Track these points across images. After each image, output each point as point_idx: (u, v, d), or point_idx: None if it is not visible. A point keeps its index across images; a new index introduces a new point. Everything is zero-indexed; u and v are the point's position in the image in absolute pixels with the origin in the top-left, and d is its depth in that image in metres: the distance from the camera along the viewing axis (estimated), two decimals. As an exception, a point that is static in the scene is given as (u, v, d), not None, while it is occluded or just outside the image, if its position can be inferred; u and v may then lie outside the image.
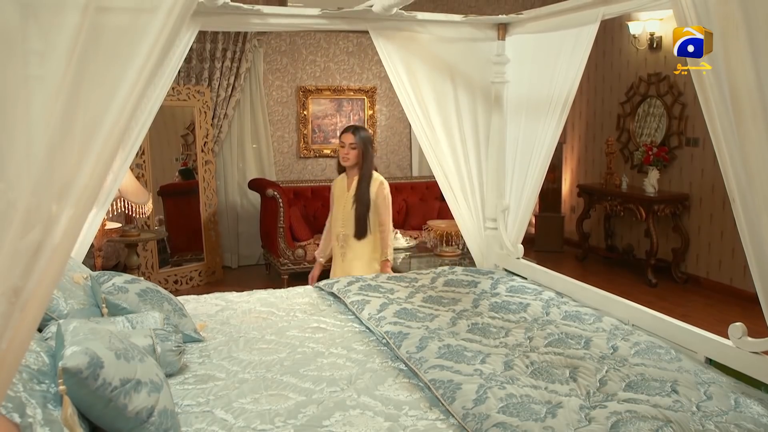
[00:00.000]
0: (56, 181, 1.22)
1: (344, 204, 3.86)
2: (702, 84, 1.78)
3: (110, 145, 1.25)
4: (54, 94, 1.21)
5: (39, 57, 1.30)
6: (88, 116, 1.25)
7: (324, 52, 7.21)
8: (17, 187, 1.19)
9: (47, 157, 1.21)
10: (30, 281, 1.20)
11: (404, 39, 3.59)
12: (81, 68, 1.20)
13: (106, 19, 1.22)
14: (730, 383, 2.24)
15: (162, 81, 3.17)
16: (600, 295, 3.08)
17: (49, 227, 1.22)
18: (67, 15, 1.22)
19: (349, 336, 2.83)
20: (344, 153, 3.81)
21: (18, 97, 1.27)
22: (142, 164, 5.73)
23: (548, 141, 3.49)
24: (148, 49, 1.24)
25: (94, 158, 1.24)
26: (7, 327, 1.18)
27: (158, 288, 2.81)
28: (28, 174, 1.20)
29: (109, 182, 3.18)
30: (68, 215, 1.23)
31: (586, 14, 3.09)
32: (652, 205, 6.32)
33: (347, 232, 3.85)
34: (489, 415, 1.96)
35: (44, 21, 1.32)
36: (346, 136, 3.81)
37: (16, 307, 1.19)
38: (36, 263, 1.20)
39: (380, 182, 3.85)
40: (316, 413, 2.08)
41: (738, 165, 1.77)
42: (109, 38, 1.25)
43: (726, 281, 6.06)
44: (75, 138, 1.24)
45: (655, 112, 6.76)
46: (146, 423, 1.81)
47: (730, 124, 1.75)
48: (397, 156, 7.66)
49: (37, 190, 1.20)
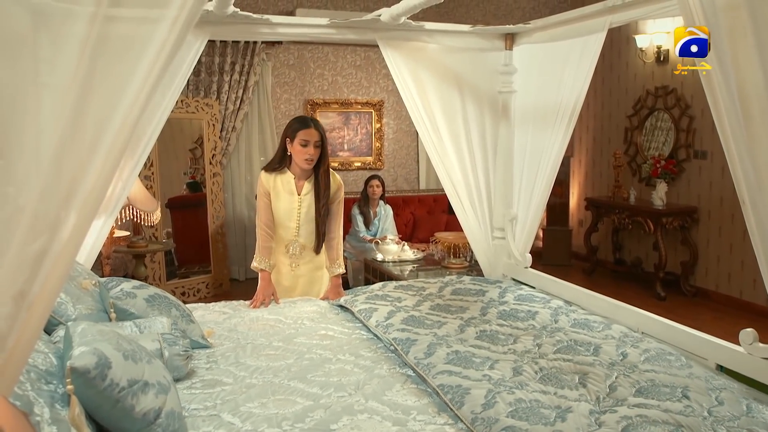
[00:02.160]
0: (63, 186, 1.23)
1: (295, 209, 3.45)
2: (710, 85, 1.78)
3: (115, 151, 1.27)
4: (62, 101, 1.23)
5: (49, 65, 1.32)
6: (94, 123, 1.26)
7: (332, 65, 7.25)
8: (26, 192, 1.21)
9: (54, 163, 1.22)
10: (35, 285, 1.21)
11: (412, 49, 3.60)
12: (88, 76, 1.23)
13: (112, 29, 1.24)
14: (741, 389, 2.22)
15: (171, 90, 3.18)
16: (609, 303, 3.07)
17: (54, 232, 1.23)
18: (75, 24, 1.24)
19: (357, 343, 2.82)
20: (310, 154, 3.32)
21: (28, 103, 1.29)
22: (150, 176, 5.76)
23: (556, 150, 3.48)
24: (153, 58, 1.26)
25: (99, 164, 1.26)
26: (13, 327, 1.19)
27: (166, 294, 2.81)
28: (37, 179, 1.21)
29: (118, 190, 3.19)
30: (73, 220, 1.24)
31: (593, 23, 3.10)
32: (661, 218, 6.29)
33: (304, 242, 3.51)
34: (498, 419, 1.95)
35: (54, 30, 1.34)
36: (310, 133, 3.30)
37: (22, 307, 1.20)
38: (41, 267, 1.21)
39: (339, 183, 3.53)
40: (324, 417, 2.07)
41: (748, 167, 1.77)
42: (115, 47, 1.27)
43: (736, 294, 6.02)
44: (81, 144, 1.25)
45: (662, 126, 6.76)
46: (153, 424, 1.81)
47: (739, 125, 1.74)
48: (404, 169, 7.67)
49: (44, 196, 1.21)
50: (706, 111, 6.14)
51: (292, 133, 3.36)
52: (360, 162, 7.45)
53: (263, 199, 3.46)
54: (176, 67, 3.15)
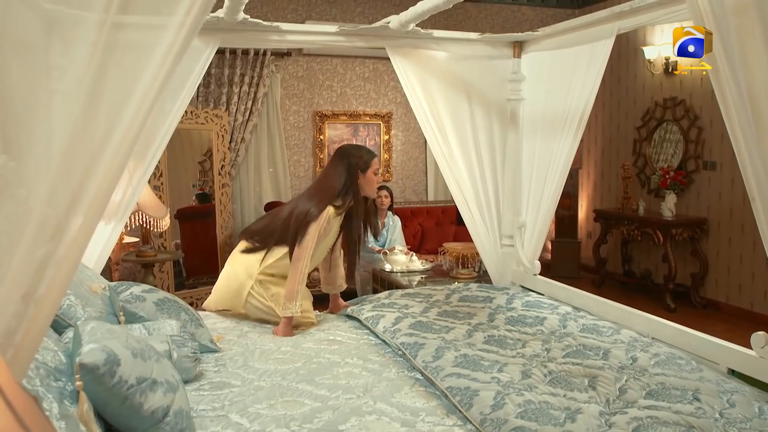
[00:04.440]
0: (71, 188, 1.25)
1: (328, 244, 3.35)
2: (718, 80, 1.78)
3: (121, 154, 1.29)
4: (72, 105, 1.26)
5: (60, 70, 1.35)
6: (102, 127, 1.29)
7: (340, 77, 7.29)
8: (35, 194, 1.23)
9: (63, 165, 1.24)
10: (42, 285, 1.22)
11: (421, 57, 3.62)
12: (96, 81, 1.25)
13: (120, 35, 1.27)
14: (753, 392, 2.20)
15: (181, 97, 3.20)
16: (619, 309, 3.05)
17: (61, 233, 1.24)
18: (85, 30, 1.27)
19: (365, 348, 2.81)
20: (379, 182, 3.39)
21: (39, 107, 1.32)
22: (160, 186, 5.79)
23: (564, 157, 3.48)
24: (159, 63, 1.29)
25: (106, 167, 1.28)
26: (20, 325, 1.20)
27: (176, 298, 2.82)
28: (46, 181, 1.23)
29: (128, 195, 3.21)
30: (80, 222, 1.26)
31: (601, 29, 3.11)
32: (670, 229, 6.26)
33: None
34: (507, 420, 1.93)
35: (65, 36, 1.37)
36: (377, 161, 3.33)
37: (30, 305, 1.21)
38: (48, 268, 1.22)
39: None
40: (332, 418, 2.06)
41: (757, 162, 1.76)
42: (122, 53, 1.30)
43: (746, 306, 5.97)
44: (89, 148, 1.27)
45: (671, 138, 6.74)
46: (161, 423, 1.81)
47: (748, 120, 1.74)
48: (412, 181, 7.68)
49: (53, 198, 1.23)
50: (715, 122, 6.13)
51: (364, 165, 3.21)
52: (368, 173, 7.45)
53: (316, 238, 3.15)
54: (186, 73, 3.18)
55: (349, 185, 3.19)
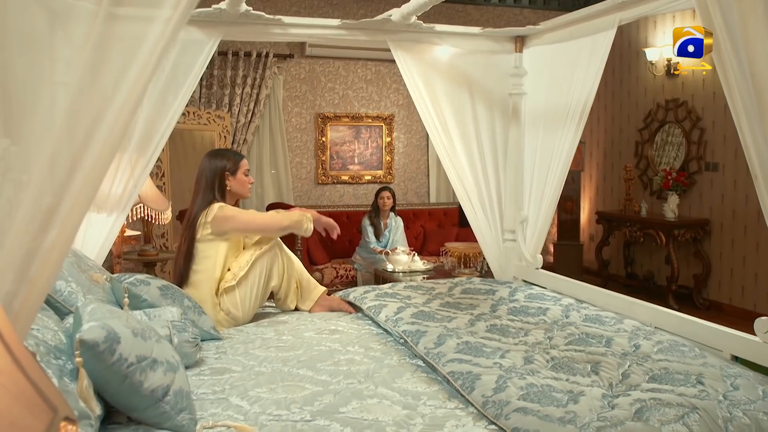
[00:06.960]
0: (59, 178, 1.27)
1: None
2: (720, 57, 1.78)
3: (108, 148, 1.31)
4: (67, 93, 1.29)
5: (62, 61, 1.38)
6: (88, 118, 1.31)
7: (343, 79, 7.30)
8: (35, 180, 1.24)
9: (55, 154, 1.26)
10: (31, 271, 1.22)
11: (423, 51, 3.63)
12: (88, 71, 1.28)
13: (113, 27, 1.29)
14: (757, 377, 2.18)
15: (183, 90, 3.21)
16: (622, 300, 3.04)
17: (53, 218, 1.25)
18: (82, 21, 1.31)
19: (367, 337, 2.80)
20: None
21: (43, 99, 1.34)
22: (162, 186, 5.79)
23: (566, 151, 3.48)
24: (147, 56, 1.31)
25: (91, 160, 1.29)
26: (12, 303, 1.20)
27: (178, 288, 2.82)
28: (43, 166, 1.25)
29: (129, 188, 3.21)
30: (68, 207, 1.27)
31: (603, 21, 3.12)
32: (672, 230, 6.25)
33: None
34: (509, 402, 1.92)
35: (67, 29, 1.40)
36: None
37: (22, 286, 1.21)
38: (38, 252, 1.23)
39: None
40: (333, 401, 2.05)
41: (759, 139, 1.76)
42: (114, 45, 1.32)
43: (750, 307, 5.95)
44: (76, 138, 1.29)
45: (673, 140, 6.74)
46: (161, 402, 1.80)
47: (750, 97, 1.74)
48: (414, 183, 7.68)
49: (44, 186, 1.24)
50: (718, 123, 6.13)
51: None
52: (370, 175, 7.47)
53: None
54: (188, 66, 3.18)
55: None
